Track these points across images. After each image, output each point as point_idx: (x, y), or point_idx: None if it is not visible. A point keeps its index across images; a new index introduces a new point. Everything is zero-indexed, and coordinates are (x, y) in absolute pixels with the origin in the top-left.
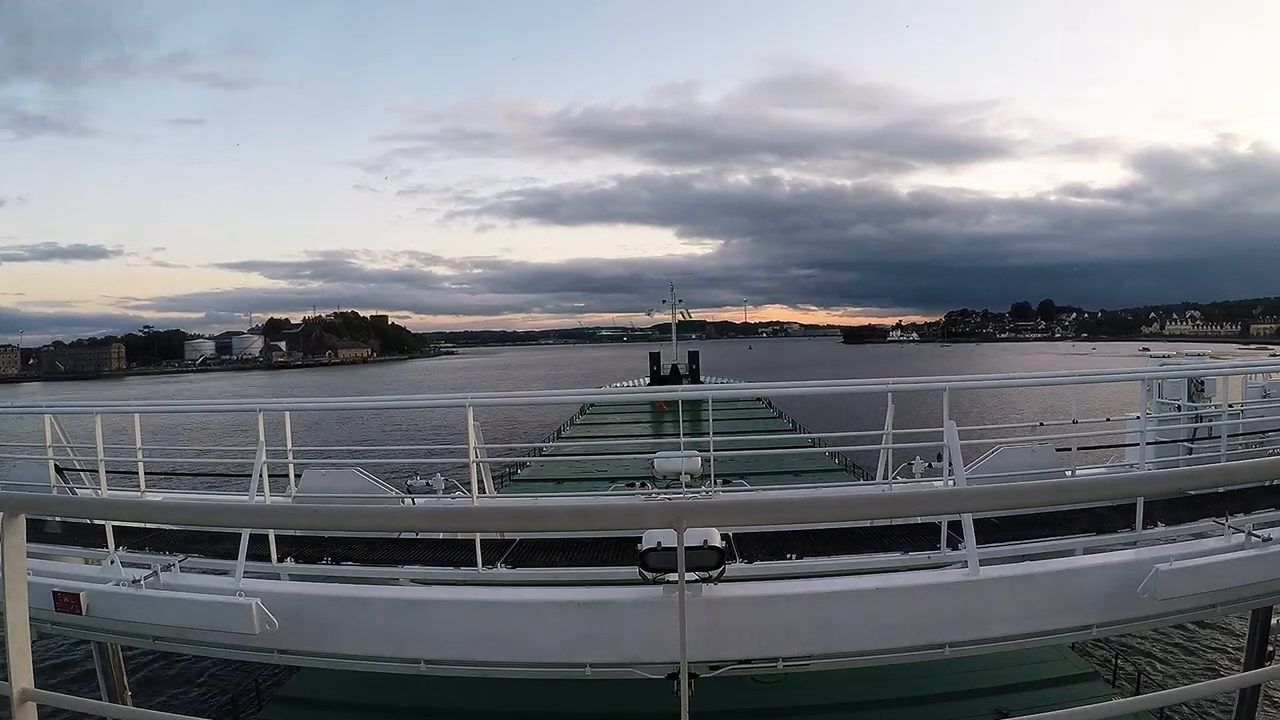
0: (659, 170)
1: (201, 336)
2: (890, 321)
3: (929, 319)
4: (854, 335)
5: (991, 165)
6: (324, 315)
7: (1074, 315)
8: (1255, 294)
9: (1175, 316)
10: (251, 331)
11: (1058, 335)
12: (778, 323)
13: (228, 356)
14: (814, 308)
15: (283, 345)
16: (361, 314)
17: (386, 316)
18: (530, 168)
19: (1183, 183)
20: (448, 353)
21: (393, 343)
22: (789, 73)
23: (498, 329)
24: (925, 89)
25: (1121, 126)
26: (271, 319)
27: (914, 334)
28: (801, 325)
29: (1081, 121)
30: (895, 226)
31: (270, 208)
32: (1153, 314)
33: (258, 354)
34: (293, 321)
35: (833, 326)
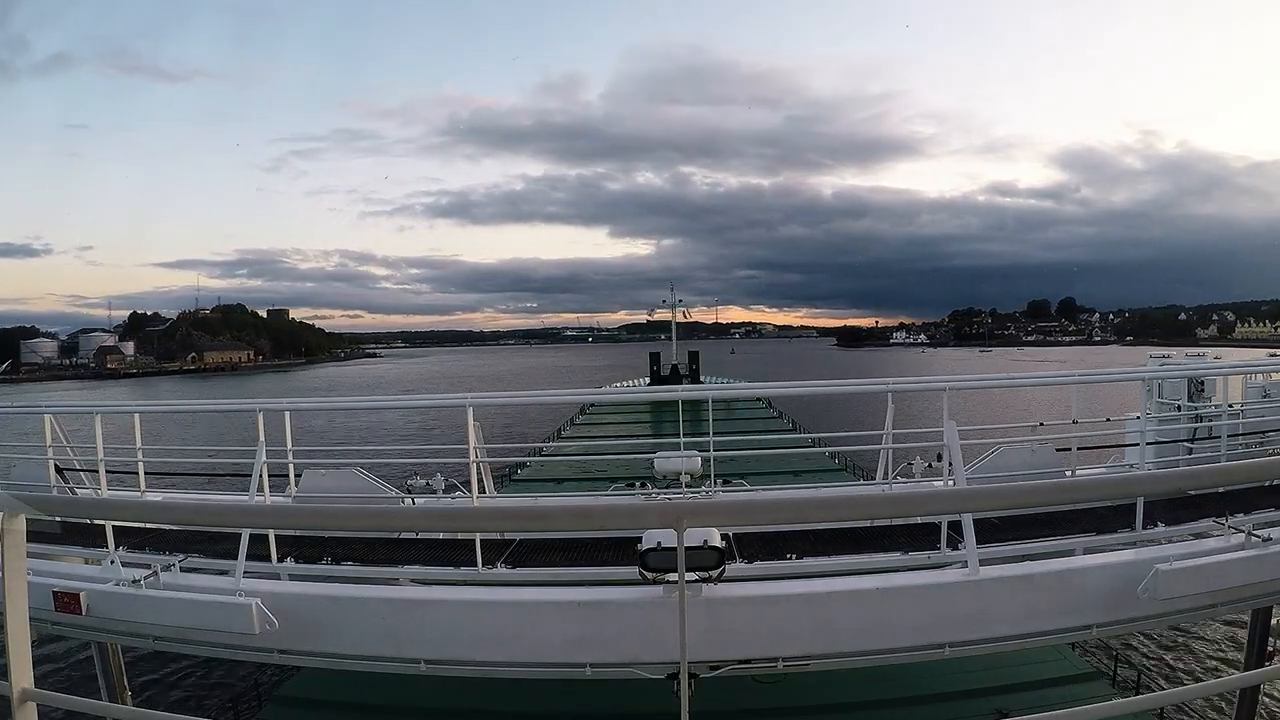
0: (563, 170)
1: (49, 335)
2: (866, 322)
3: (927, 320)
4: (849, 337)
5: (906, 164)
6: (202, 311)
7: (1095, 316)
8: (1208, 299)
9: (1222, 316)
10: (115, 329)
11: (1097, 339)
12: (751, 324)
13: (67, 361)
14: (766, 308)
15: (127, 347)
16: (249, 308)
17: (286, 311)
18: (429, 168)
19: (1114, 183)
20: (369, 355)
21: (289, 343)
22: (663, 66)
23: (462, 328)
24: (815, 83)
25: (1033, 126)
26: (134, 313)
27: (922, 336)
28: (775, 326)
29: (989, 118)
30: (828, 227)
31: (187, 211)
32: (1182, 315)
33: (90, 359)
34: (164, 315)
35: (806, 327)
